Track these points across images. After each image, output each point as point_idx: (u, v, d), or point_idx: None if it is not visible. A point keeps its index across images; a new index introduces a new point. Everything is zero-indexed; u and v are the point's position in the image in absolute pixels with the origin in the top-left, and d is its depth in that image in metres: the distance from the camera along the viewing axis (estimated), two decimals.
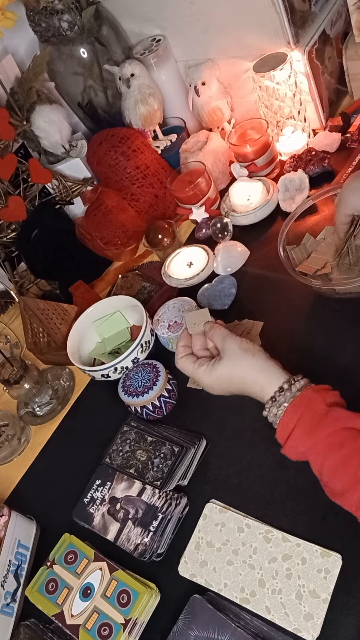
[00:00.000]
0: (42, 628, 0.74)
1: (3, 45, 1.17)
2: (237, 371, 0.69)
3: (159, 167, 1.19)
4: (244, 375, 0.68)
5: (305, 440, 0.61)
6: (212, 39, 1.14)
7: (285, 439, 0.63)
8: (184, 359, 0.75)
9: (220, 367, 0.70)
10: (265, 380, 0.67)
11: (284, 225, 0.89)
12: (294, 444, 0.62)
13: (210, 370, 0.71)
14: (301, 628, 0.62)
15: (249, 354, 0.68)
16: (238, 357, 0.69)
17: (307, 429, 0.61)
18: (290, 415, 0.63)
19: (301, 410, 0.62)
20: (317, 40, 1.05)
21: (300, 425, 0.62)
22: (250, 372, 0.68)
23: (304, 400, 0.63)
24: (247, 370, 0.68)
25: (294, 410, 0.63)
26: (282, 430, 0.64)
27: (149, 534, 0.74)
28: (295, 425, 0.62)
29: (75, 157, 1.21)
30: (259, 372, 0.67)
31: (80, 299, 1.12)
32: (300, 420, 0.62)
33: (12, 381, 1.00)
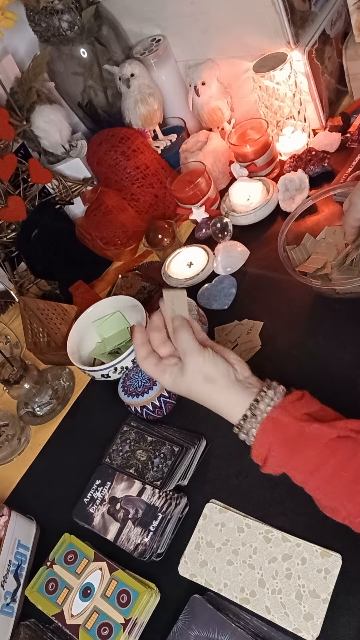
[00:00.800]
0: (42, 628, 0.74)
1: (3, 45, 1.17)
2: (197, 395, 0.64)
3: (159, 167, 1.19)
4: (204, 401, 0.64)
5: (283, 465, 0.59)
6: (212, 39, 1.14)
7: (262, 462, 0.60)
8: (147, 361, 0.66)
9: (181, 384, 0.64)
10: (227, 409, 0.62)
11: (284, 225, 0.89)
12: (272, 467, 0.60)
13: (173, 381, 0.64)
14: (301, 628, 0.62)
15: (209, 384, 0.62)
16: (197, 384, 0.63)
17: (283, 454, 0.58)
18: (260, 442, 0.59)
19: (271, 436, 0.58)
20: (317, 40, 1.05)
21: (274, 452, 0.58)
22: (210, 401, 0.63)
23: (271, 424, 0.59)
24: (207, 398, 0.63)
25: (264, 435, 0.59)
26: (256, 456, 0.60)
27: (149, 534, 0.74)
28: (269, 452, 0.59)
29: (75, 157, 1.21)
30: (219, 402, 0.62)
31: (80, 299, 1.12)
32: (273, 446, 0.58)
33: (12, 381, 1.00)
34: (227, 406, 0.62)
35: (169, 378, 0.64)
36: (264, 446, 0.59)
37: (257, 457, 0.60)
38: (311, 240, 0.92)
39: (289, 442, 0.58)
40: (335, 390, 0.67)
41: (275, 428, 0.58)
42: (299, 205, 0.92)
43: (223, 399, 0.62)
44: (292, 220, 0.90)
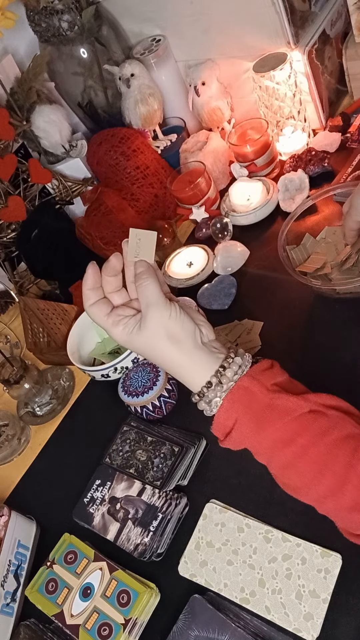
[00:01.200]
0: (42, 628, 0.74)
1: (3, 45, 1.17)
2: (154, 354, 0.56)
3: (159, 167, 1.19)
4: (162, 362, 0.57)
5: (249, 439, 0.54)
6: (212, 39, 1.14)
7: (223, 436, 0.55)
8: (96, 309, 0.58)
9: (138, 340, 0.56)
10: (190, 373, 0.56)
11: (284, 225, 0.89)
12: (234, 441, 0.55)
13: (128, 335, 0.56)
14: (301, 628, 0.62)
15: (172, 344, 0.55)
16: (159, 341, 0.55)
17: (249, 427, 0.53)
18: (227, 413, 0.54)
19: (239, 406, 0.53)
20: (317, 40, 1.05)
21: (241, 425, 0.53)
22: (169, 363, 0.56)
23: (240, 393, 0.54)
24: (166, 359, 0.56)
25: (231, 406, 0.54)
26: (217, 429, 0.55)
27: (149, 533, 0.74)
28: (234, 424, 0.54)
29: (75, 157, 1.21)
30: (180, 365, 0.56)
31: (80, 299, 1.12)
32: (240, 418, 0.53)
33: (12, 381, 1.00)
34: (190, 371, 0.56)
35: (123, 331, 0.56)
36: (230, 417, 0.54)
37: (219, 430, 0.55)
38: (311, 240, 0.92)
39: (257, 414, 0.53)
40: (335, 390, 0.67)
41: (243, 398, 0.53)
42: (299, 205, 0.92)
43: (186, 362, 0.55)
44: (292, 220, 0.90)
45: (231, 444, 0.55)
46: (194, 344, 0.56)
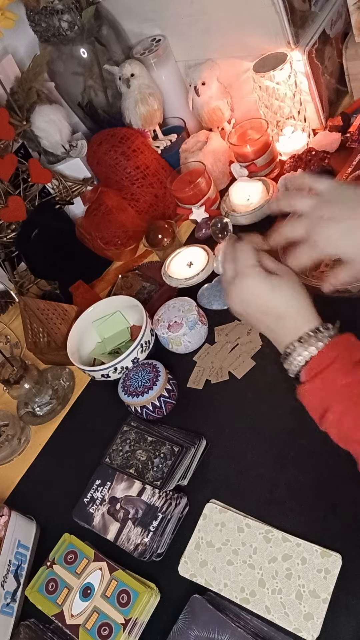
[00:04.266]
0: (42, 628, 0.74)
1: (3, 45, 1.17)
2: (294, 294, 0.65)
3: (159, 167, 1.19)
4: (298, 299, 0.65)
5: (341, 377, 0.58)
6: (212, 39, 1.14)
7: (317, 372, 0.60)
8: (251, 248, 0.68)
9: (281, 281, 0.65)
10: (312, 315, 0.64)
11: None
12: (326, 378, 0.59)
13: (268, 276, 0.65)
14: (301, 628, 0.62)
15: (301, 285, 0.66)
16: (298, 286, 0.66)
17: (345, 366, 0.58)
18: (332, 348, 0.60)
19: (341, 348, 0.60)
20: (317, 40, 1.05)
21: (339, 361, 0.59)
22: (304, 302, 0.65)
23: (347, 340, 0.61)
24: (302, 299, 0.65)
25: (336, 345, 0.60)
26: (317, 362, 0.60)
27: (149, 534, 0.74)
28: (334, 360, 0.59)
29: (75, 157, 1.21)
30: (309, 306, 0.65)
31: (80, 299, 1.12)
32: (339, 357, 0.59)
33: (12, 381, 1.00)
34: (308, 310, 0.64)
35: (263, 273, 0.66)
36: (328, 358, 0.60)
37: (316, 365, 0.60)
38: None
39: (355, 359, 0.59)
40: None
41: (346, 344, 0.61)
42: None
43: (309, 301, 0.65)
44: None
45: (316, 385, 0.59)
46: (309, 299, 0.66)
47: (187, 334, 0.91)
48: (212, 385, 0.89)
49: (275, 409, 0.81)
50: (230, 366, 0.89)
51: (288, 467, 0.74)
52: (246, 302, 0.66)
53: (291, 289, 0.65)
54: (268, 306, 0.65)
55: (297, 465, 0.74)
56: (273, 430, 0.79)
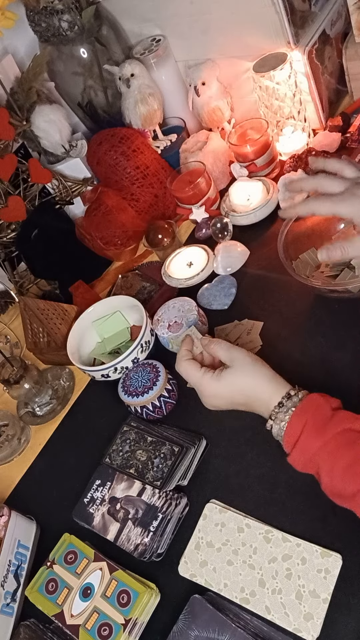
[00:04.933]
0: (42, 628, 0.74)
1: (3, 45, 1.17)
2: (247, 380, 0.68)
3: (159, 167, 1.19)
4: (254, 384, 0.68)
5: (314, 441, 0.61)
6: (212, 39, 1.13)
7: (293, 443, 0.63)
8: (189, 363, 0.73)
9: (230, 376, 0.69)
10: (273, 388, 0.67)
11: (283, 225, 0.89)
12: (302, 446, 0.62)
13: (218, 377, 0.70)
14: (301, 628, 0.62)
15: (259, 364, 0.69)
16: (249, 366, 0.69)
17: (315, 430, 0.61)
18: (298, 418, 0.63)
19: (308, 413, 0.63)
20: (317, 40, 1.05)
21: (308, 428, 0.62)
22: (260, 380, 0.68)
23: (310, 403, 0.64)
24: (257, 379, 0.68)
25: (302, 412, 0.63)
26: (290, 434, 0.63)
27: (149, 534, 0.74)
28: (303, 428, 0.62)
29: (75, 157, 1.21)
30: (269, 381, 0.68)
31: (80, 299, 1.12)
32: (308, 423, 0.62)
33: (12, 381, 1.00)
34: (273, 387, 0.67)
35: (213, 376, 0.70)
36: (300, 424, 0.62)
37: (289, 437, 0.63)
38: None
39: (321, 421, 0.62)
40: (335, 390, 0.67)
41: (312, 408, 0.63)
42: None
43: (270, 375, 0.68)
44: (292, 220, 0.90)
45: (298, 454, 0.62)
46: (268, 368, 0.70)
47: None
48: None
49: None
50: None
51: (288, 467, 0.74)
52: (215, 401, 0.72)
53: (244, 376, 0.69)
54: (233, 400, 0.70)
55: None
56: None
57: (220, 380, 0.70)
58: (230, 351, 0.71)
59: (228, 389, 0.70)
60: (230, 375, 0.69)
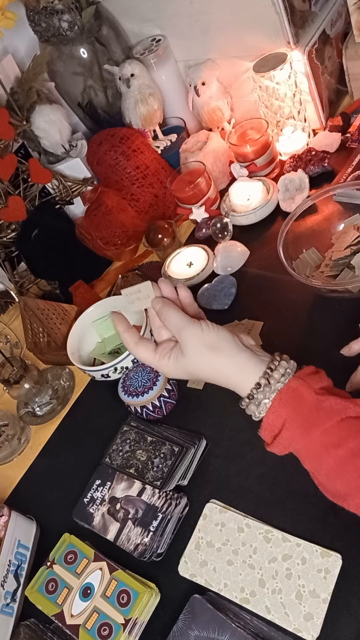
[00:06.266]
0: (42, 628, 0.74)
1: (3, 45, 1.17)
2: (203, 371, 0.59)
3: (159, 167, 1.19)
4: (211, 376, 0.59)
5: (297, 440, 0.54)
6: (212, 39, 1.14)
7: (271, 438, 0.56)
8: (140, 347, 0.62)
9: (184, 364, 0.60)
10: (239, 378, 0.57)
11: (283, 225, 0.89)
12: (282, 443, 0.55)
13: (175, 363, 0.60)
14: (301, 628, 0.62)
15: (214, 353, 0.58)
16: (201, 357, 0.58)
17: (298, 428, 0.54)
18: (276, 414, 0.55)
19: (288, 407, 0.54)
20: (317, 40, 1.05)
21: (289, 425, 0.54)
22: (218, 373, 0.58)
23: (289, 394, 0.55)
24: (214, 371, 0.58)
25: (280, 406, 0.54)
26: (267, 430, 0.56)
27: (149, 534, 0.74)
28: (283, 425, 0.54)
29: (75, 157, 1.21)
30: (228, 371, 0.58)
31: (80, 299, 1.12)
32: (289, 419, 0.54)
33: (12, 381, 1.00)
34: (237, 374, 0.57)
35: (170, 361, 0.60)
36: (279, 419, 0.54)
37: (267, 432, 0.56)
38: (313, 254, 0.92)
39: (305, 415, 0.53)
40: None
41: (293, 399, 0.54)
42: (299, 205, 0.92)
43: (231, 366, 0.57)
44: (292, 220, 0.90)
45: (278, 448, 0.56)
46: (236, 346, 0.58)
47: None
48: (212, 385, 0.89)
49: None
50: None
51: (288, 467, 0.74)
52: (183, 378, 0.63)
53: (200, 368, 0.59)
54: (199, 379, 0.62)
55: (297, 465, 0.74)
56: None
57: (177, 367, 0.60)
58: (180, 334, 0.59)
59: (188, 374, 0.61)
60: (185, 362, 0.59)
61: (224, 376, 0.58)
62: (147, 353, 0.62)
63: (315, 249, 0.92)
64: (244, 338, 0.60)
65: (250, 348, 0.59)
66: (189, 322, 0.59)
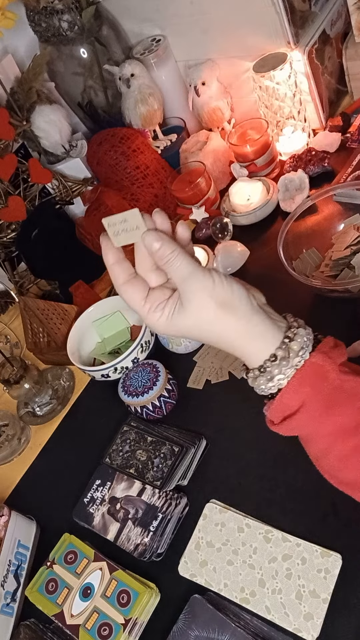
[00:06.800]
0: (42, 628, 0.74)
1: (3, 45, 1.17)
2: (205, 331, 0.48)
3: (159, 167, 1.19)
4: (214, 338, 0.48)
5: (310, 424, 0.47)
6: (212, 39, 1.14)
7: (279, 418, 0.48)
8: (129, 288, 0.48)
9: (183, 322, 0.48)
10: (250, 345, 0.48)
11: (283, 225, 0.89)
12: (293, 425, 0.48)
13: (169, 319, 0.48)
14: (301, 628, 0.62)
15: (225, 312, 0.46)
16: (207, 315, 0.46)
17: (316, 411, 0.46)
18: (294, 393, 0.47)
19: (308, 386, 0.46)
20: (317, 40, 1.05)
21: (308, 408, 0.46)
22: (224, 337, 0.48)
23: (311, 371, 0.47)
24: (220, 333, 0.48)
25: (301, 385, 0.46)
26: (278, 410, 0.48)
27: (149, 534, 0.74)
28: (300, 406, 0.47)
29: (75, 157, 1.21)
30: (240, 336, 0.47)
31: (80, 299, 1.12)
32: (308, 400, 0.46)
33: (12, 381, 1.00)
34: (249, 340, 0.47)
35: (162, 317, 0.48)
36: (296, 399, 0.46)
37: (278, 412, 0.48)
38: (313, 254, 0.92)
39: (326, 396, 0.46)
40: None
41: (315, 377, 0.46)
42: (299, 205, 0.92)
43: (244, 330, 0.47)
44: (292, 220, 0.90)
45: (285, 429, 0.48)
46: (251, 307, 0.47)
47: None
48: (212, 385, 0.89)
49: None
50: (230, 366, 0.89)
51: (288, 467, 0.74)
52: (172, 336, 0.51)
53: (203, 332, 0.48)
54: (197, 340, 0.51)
55: (297, 465, 0.74)
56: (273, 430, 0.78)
57: (172, 324, 0.48)
58: (186, 282, 0.46)
59: (181, 332, 0.49)
60: (184, 321, 0.47)
61: (231, 340, 0.48)
62: (135, 298, 0.48)
63: (315, 249, 0.92)
64: (257, 296, 0.50)
65: (263, 309, 0.49)
66: (199, 270, 0.46)
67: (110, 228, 0.47)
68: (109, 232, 0.47)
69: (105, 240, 0.48)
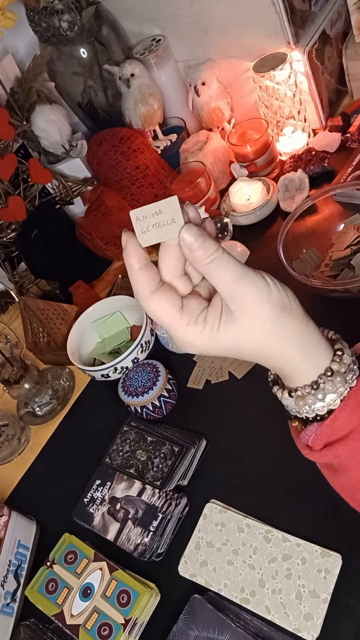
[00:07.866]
0: (42, 628, 0.74)
1: (3, 45, 1.17)
2: (259, 348, 0.40)
3: (159, 167, 1.19)
4: (274, 351, 0.40)
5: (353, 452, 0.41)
6: (212, 39, 1.13)
7: (323, 444, 0.42)
8: (158, 299, 0.38)
9: (231, 331, 0.39)
10: (305, 358, 0.41)
11: (283, 225, 0.89)
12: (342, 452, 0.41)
13: (213, 331, 0.39)
14: (301, 628, 0.62)
15: (285, 316, 0.39)
16: (267, 327, 0.39)
17: None
18: (350, 415, 0.40)
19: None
20: (317, 40, 1.05)
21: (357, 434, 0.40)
22: (286, 347, 0.40)
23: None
24: (283, 344, 0.40)
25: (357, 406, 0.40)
26: (326, 435, 0.41)
27: (149, 534, 0.74)
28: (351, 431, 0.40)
29: (75, 157, 1.21)
30: (299, 347, 0.40)
31: (80, 299, 1.12)
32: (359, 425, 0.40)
33: (12, 381, 1.00)
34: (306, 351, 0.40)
35: (206, 329, 0.39)
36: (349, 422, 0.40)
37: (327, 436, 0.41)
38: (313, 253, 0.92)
39: None
40: None
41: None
42: (299, 205, 0.92)
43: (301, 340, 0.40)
44: (292, 220, 0.90)
45: (327, 456, 0.42)
46: (304, 312, 0.41)
47: None
48: (212, 385, 0.89)
49: (275, 409, 0.80)
50: (230, 366, 0.89)
51: (288, 467, 0.74)
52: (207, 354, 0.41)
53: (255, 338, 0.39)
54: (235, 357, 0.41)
55: (297, 465, 0.74)
56: (273, 430, 0.78)
57: (216, 339, 0.39)
58: (238, 283, 0.37)
59: (228, 348, 0.40)
60: (235, 332, 0.39)
61: (289, 354, 0.40)
62: (169, 310, 0.38)
63: (315, 249, 0.92)
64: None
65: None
66: (250, 271, 0.38)
67: (139, 223, 0.38)
68: (136, 229, 0.38)
69: (130, 240, 0.38)
